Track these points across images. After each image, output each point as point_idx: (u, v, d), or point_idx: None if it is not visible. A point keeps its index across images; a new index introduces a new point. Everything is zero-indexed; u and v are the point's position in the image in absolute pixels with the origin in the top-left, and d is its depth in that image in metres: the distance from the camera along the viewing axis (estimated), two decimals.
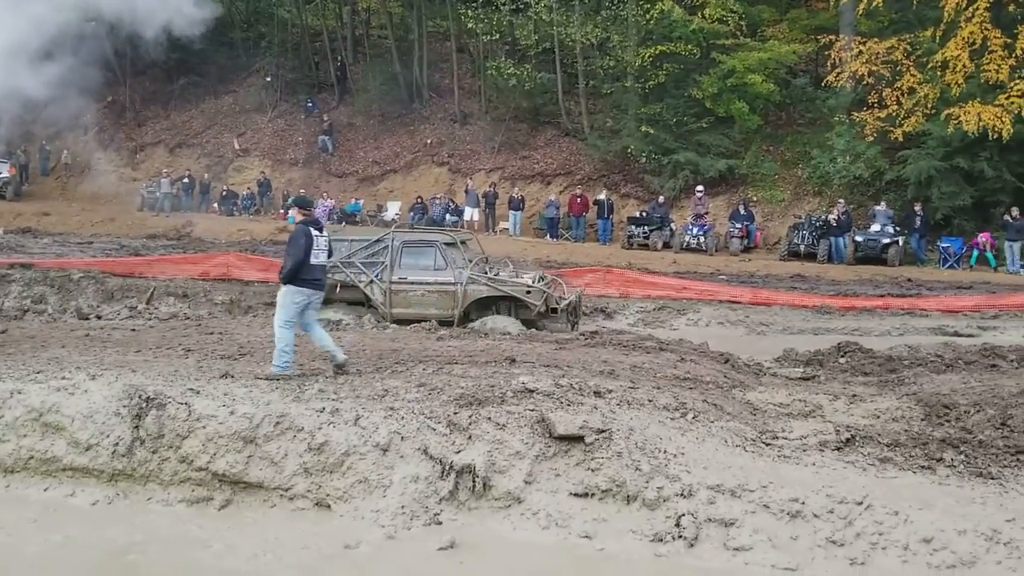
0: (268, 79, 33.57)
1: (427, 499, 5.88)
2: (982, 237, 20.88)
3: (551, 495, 5.80)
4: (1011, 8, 19.96)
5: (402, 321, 12.01)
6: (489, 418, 6.31)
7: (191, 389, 6.81)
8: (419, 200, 26.82)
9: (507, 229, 25.27)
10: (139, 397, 6.55)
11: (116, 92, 33.93)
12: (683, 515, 5.31)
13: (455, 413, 6.38)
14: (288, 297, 7.79)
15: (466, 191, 26.13)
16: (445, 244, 12.61)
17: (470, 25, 27.94)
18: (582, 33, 26.17)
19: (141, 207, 28.99)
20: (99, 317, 12.52)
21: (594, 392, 6.92)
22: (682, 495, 5.44)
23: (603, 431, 6.04)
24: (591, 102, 28.12)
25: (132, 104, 34.40)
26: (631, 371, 8.31)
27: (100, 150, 32.05)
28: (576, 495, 5.78)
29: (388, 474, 6.05)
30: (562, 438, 6.06)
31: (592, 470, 5.85)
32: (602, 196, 24.50)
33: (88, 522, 6.04)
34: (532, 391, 6.83)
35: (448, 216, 25.91)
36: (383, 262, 12.37)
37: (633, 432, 6.03)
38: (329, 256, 8.31)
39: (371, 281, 12.34)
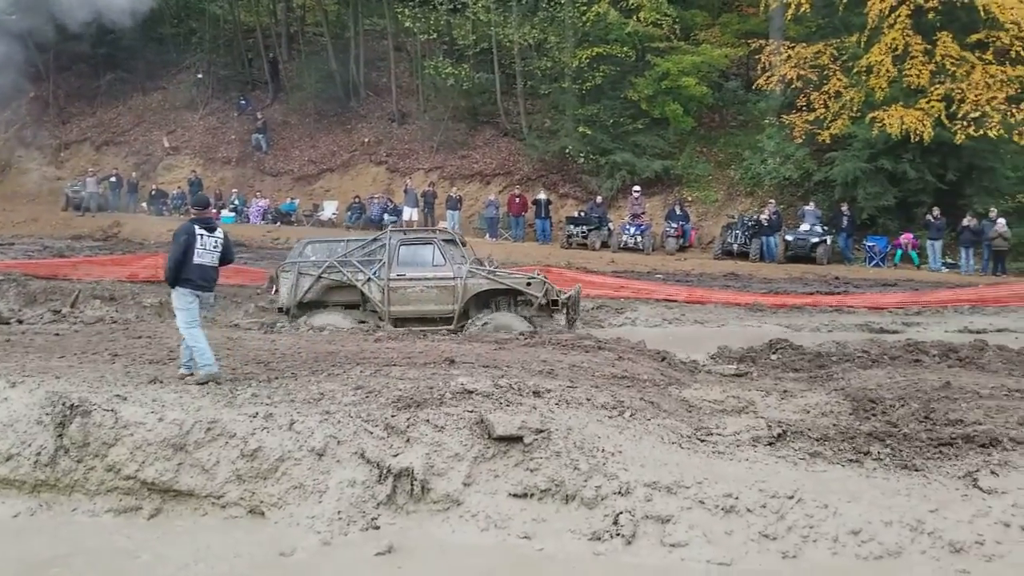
0: (199, 76, 32.81)
1: (364, 504, 5.82)
2: (904, 238, 21.55)
3: (490, 496, 5.80)
4: (931, 16, 20.63)
5: (401, 321, 11.91)
6: (428, 420, 6.27)
7: (118, 395, 6.61)
8: (357, 200, 26.56)
9: (446, 229, 25.17)
10: (63, 404, 6.34)
11: (39, 88, 32.78)
12: (621, 513, 5.36)
13: (393, 416, 6.33)
14: (179, 299, 7.59)
15: (405, 190, 25.95)
16: (443, 241, 12.53)
17: (407, 24, 27.76)
18: (520, 34, 26.23)
19: (66, 207, 28.06)
20: (20, 322, 12.06)
21: (533, 392, 6.93)
22: (620, 493, 5.49)
23: (542, 431, 6.06)
24: (529, 102, 28.20)
25: (56, 100, 33.26)
26: (570, 370, 8.34)
27: (22, 148, 30.98)
28: (515, 496, 5.79)
29: (324, 479, 5.98)
30: (501, 439, 6.05)
31: (531, 470, 5.86)
32: (542, 196, 24.60)
33: (9, 535, 5.82)
34: (471, 392, 6.81)
35: (386, 216, 25.69)
36: (380, 260, 12.17)
37: (572, 431, 6.06)
38: (225, 257, 7.85)
39: (368, 279, 12.10)
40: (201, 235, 7.65)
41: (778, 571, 4.92)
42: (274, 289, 12.47)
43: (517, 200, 24.49)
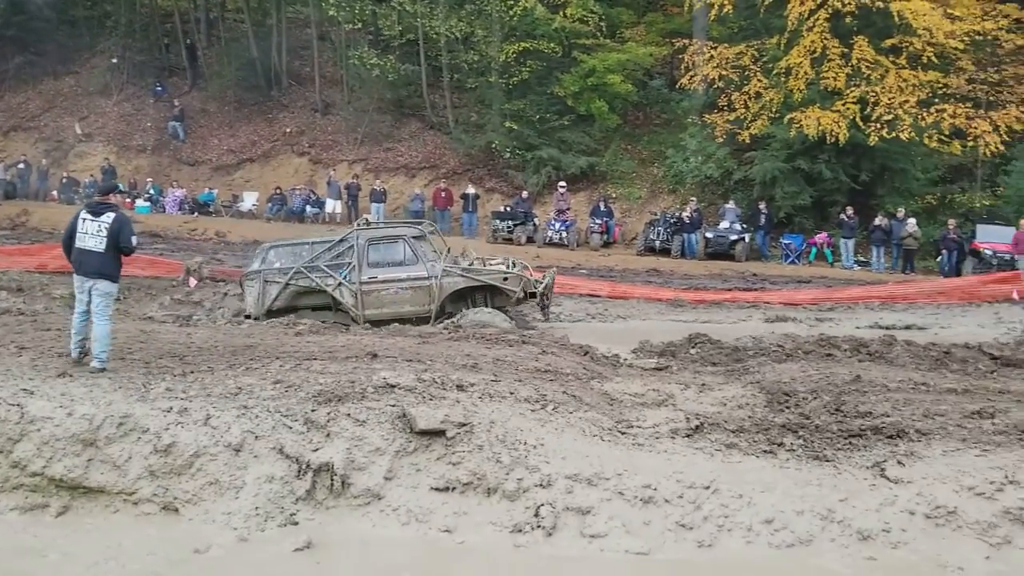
0: (114, 60, 31.68)
1: (282, 499, 5.73)
2: (819, 238, 22.22)
3: (411, 490, 5.77)
4: (848, 20, 21.26)
5: (377, 323, 11.39)
6: (349, 415, 6.21)
7: (24, 390, 6.36)
8: (278, 191, 26.09)
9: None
10: None
11: None
12: (542, 505, 5.39)
13: (313, 410, 6.24)
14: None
15: (328, 182, 25.60)
16: (413, 237, 11.99)
17: (331, 12, 27.33)
18: (446, 26, 26.10)
19: None
20: None
21: (456, 386, 6.92)
22: (541, 486, 5.53)
23: (465, 425, 6.06)
24: (456, 96, 28.11)
25: None
26: (494, 364, 8.36)
27: None
28: (437, 489, 5.78)
29: (241, 475, 5.86)
30: (424, 433, 6.03)
31: (453, 464, 5.86)
32: (471, 190, 24.55)
33: None
34: (394, 386, 6.76)
35: (309, 208, 25.33)
36: (350, 262, 11.61)
37: (494, 425, 6.08)
38: (117, 244, 7.55)
39: (339, 284, 11.56)
40: (84, 220, 7.54)
41: (694, 560, 5.03)
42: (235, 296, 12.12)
43: (443, 194, 24.41)
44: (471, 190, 24.59)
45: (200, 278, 14.87)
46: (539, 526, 5.32)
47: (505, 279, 11.83)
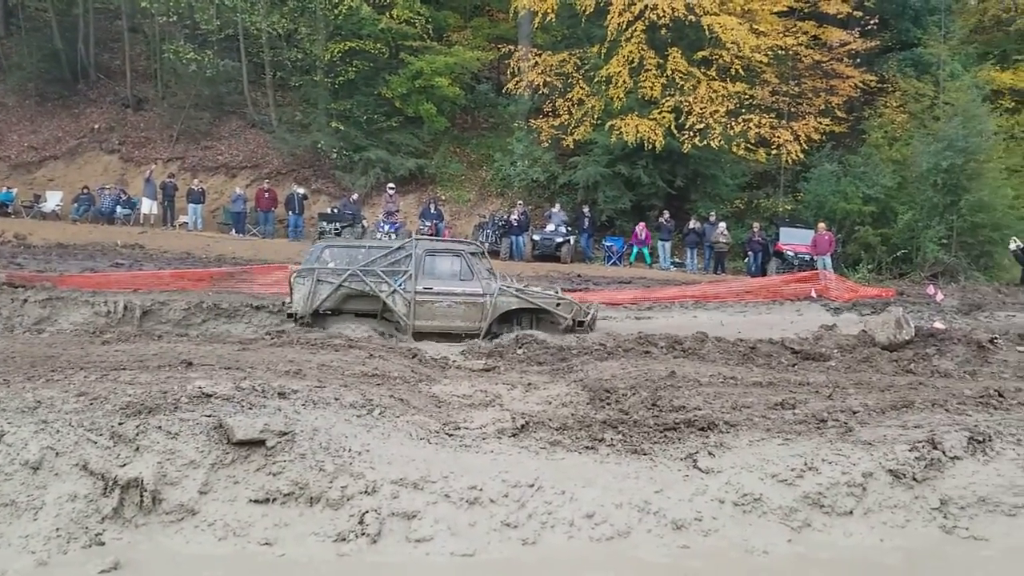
0: None
1: (87, 519, 5.32)
2: (639, 227, 23.12)
3: (229, 504, 5.52)
4: (663, 32, 22.34)
5: (421, 335, 11.18)
6: (160, 427, 5.86)
7: None
8: (85, 190, 24.39)
9: (187, 223, 23.73)
10: None
11: None
12: (366, 512, 5.29)
13: (120, 423, 5.84)
14: None
15: (147, 180, 24.15)
16: (471, 253, 12.10)
17: (144, 4, 25.85)
18: (268, 22, 25.31)
19: None
20: None
21: (278, 393, 6.69)
22: (366, 492, 5.42)
23: (286, 433, 5.86)
24: (279, 94, 27.30)
25: None
26: (319, 370, 8.16)
27: None
28: (256, 501, 5.55)
29: (40, 495, 5.40)
30: (242, 443, 5.78)
31: (274, 474, 5.65)
32: (300, 190, 23.87)
33: None
34: (210, 395, 6.44)
35: (120, 208, 23.82)
36: (406, 271, 11.60)
37: (318, 432, 5.91)
38: None
39: (394, 291, 11.52)
40: None
41: (518, 558, 5.08)
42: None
43: (266, 195, 23.60)
44: (300, 190, 23.92)
45: None
46: (364, 533, 5.22)
47: (558, 304, 12.05)
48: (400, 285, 11.63)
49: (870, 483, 5.71)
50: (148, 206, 23.89)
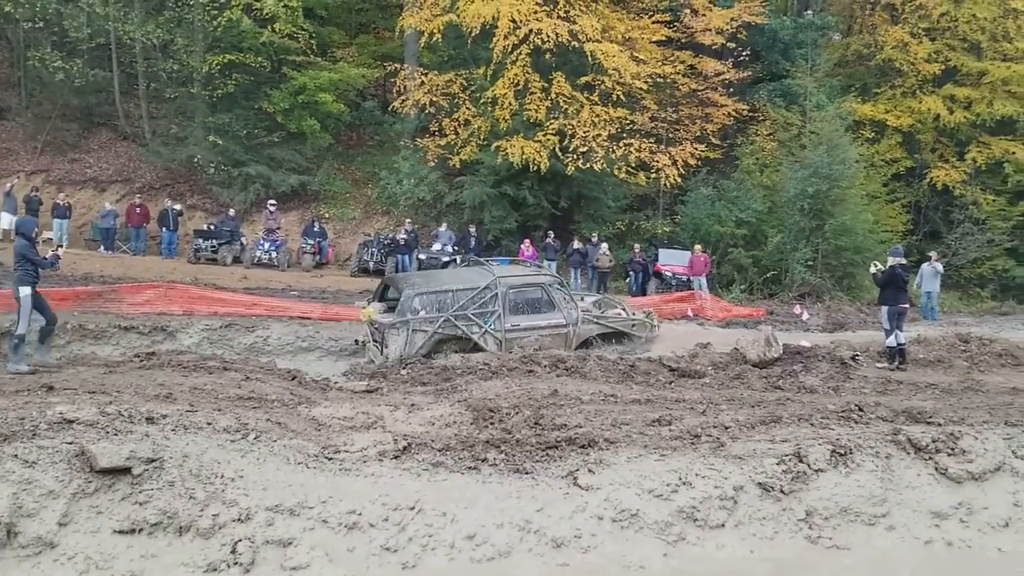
0: None
1: None
2: (525, 243, 23.34)
3: (91, 535, 5.24)
4: (547, 56, 22.72)
5: None
6: (16, 455, 5.52)
7: None
8: None
9: (51, 239, 22.43)
10: None
11: None
12: (239, 541, 5.11)
13: None
14: None
15: (6, 194, 22.70)
16: (549, 284, 12.55)
17: (8, 8, 24.45)
18: (143, 32, 24.34)
19: None
20: None
21: (146, 418, 6.40)
22: (239, 520, 5.25)
23: (154, 460, 5.61)
24: (154, 106, 26.27)
25: None
26: (191, 393, 7.86)
27: None
28: (121, 532, 5.29)
29: None
30: (106, 471, 5.51)
31: (141, 503, 5.40)
32: (178, 206, 22.94)
33: None
34: (72, 421, 6.11)
35: None
36: (494, 311, 11.98)
37: (188, 459, 5.69)
38: None
39: (484, 332, 11.92)
40: None
41: None
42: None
43: (138, 210, 22.58)
44: (176, 206, 23.00)
45: None
46: (236, 563, 5.04)
47: (633, 326, 12.88)
48: (490, 325, 12.01)
49: (741, 496, 5.92)
50: (8, 220, 22.47)
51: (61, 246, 10.20)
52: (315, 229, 23.22)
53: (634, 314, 13.65)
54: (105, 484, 5.44)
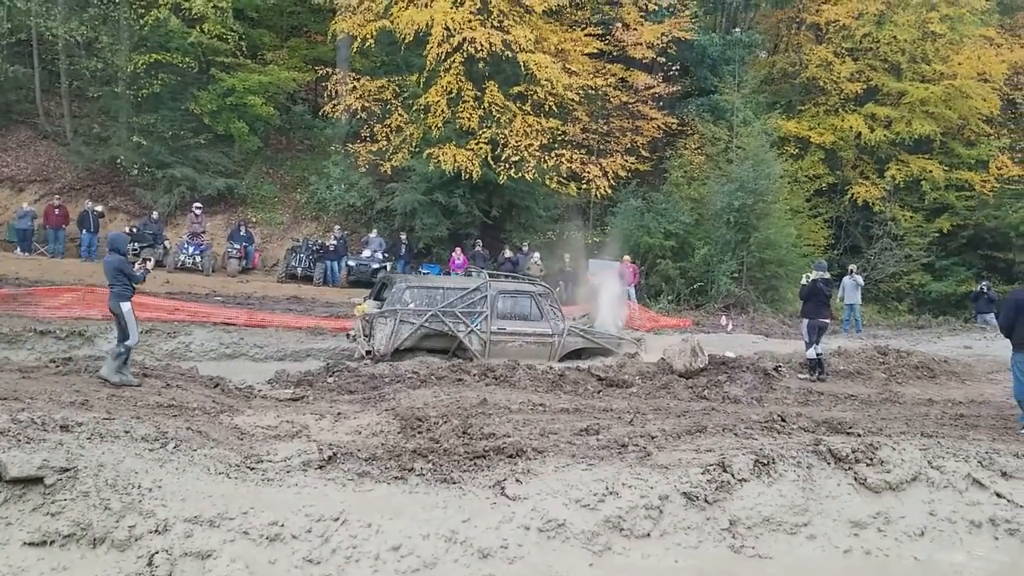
0: None
1: None
2: (453, 267, 23.36)
3: (0, 548, 5.02)
4: (481, 65, 22.77)
5: None
6: None
7: None
8: None
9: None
10: None
11: None
12: (156, 553, 4.96)
13: None
14: None
15: None
16: (539, 295, 12.73)
17: None
18: (66, 28, 23.57)
19: None
20: None
21: (61, 426, 6.18)
22: (157, 531, 5.10)
23: (68, 469, 5.42)
24: (76, 105, 25.45)
25: None
26: (108, 400, 7.63)
27: None
28: (32, 544, 5.08)
29: None
30: (16, 481, 5.29)
31: (53, 514, 5.20)
32: (99, 208, 22.21)
33: None
34: None
35: None
36: (482, 312, 12.22)
37: (104, 468, 5.50)
38: None
39: (470, 331, 12.13)
40: None
41: None
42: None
43: (57, 211, 21.84)
44: (97, 208, 22.28)
45: None
46: (153, 575, 4.89)
47: (618, 344, 13.04)
48: (476, 325, 12.22)
49: (666, 506, 5.99)
50: None
51: (149, 259, 10.08)
52: (241, 233, 22.80)
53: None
54: (15, 494, 5.23)
